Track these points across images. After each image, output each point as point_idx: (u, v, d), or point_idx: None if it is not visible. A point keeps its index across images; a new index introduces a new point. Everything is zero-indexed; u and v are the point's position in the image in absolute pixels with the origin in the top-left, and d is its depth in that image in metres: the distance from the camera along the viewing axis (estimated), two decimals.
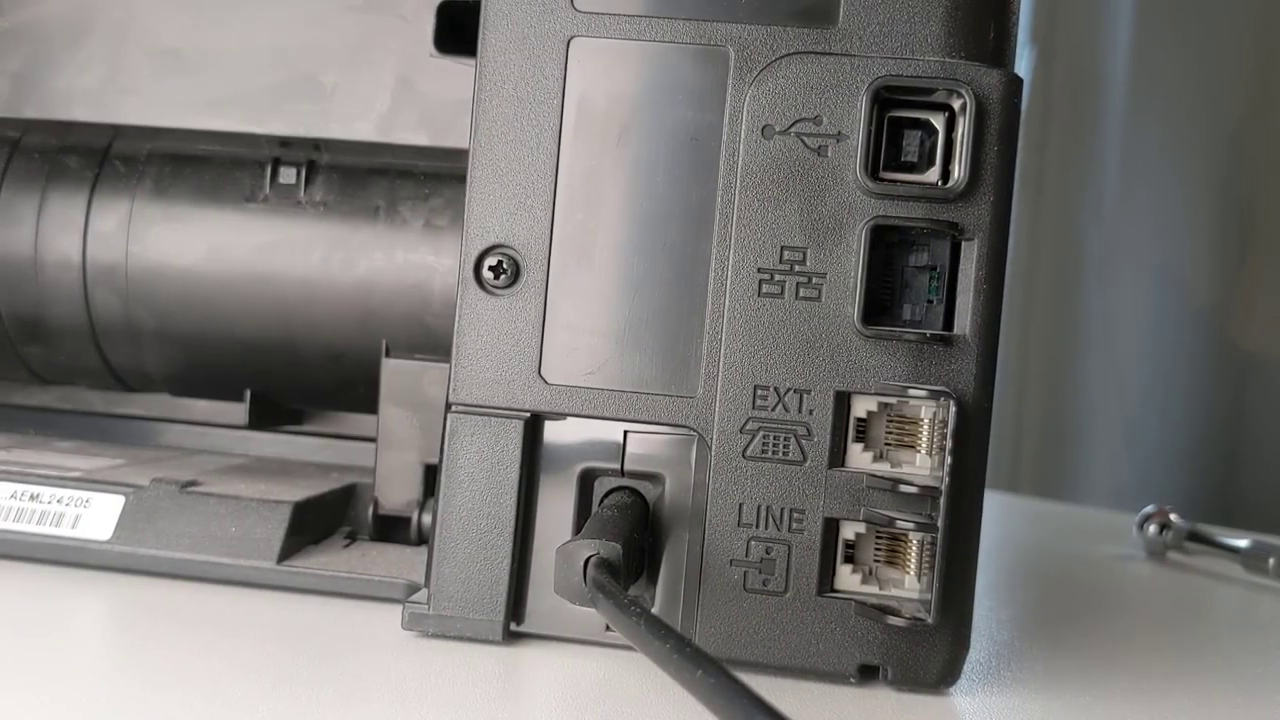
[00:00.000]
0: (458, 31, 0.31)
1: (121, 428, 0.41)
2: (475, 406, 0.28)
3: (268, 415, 0.40)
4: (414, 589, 0.30)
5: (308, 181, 0.37)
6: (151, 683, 0.24)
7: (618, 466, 0.28)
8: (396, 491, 0.35)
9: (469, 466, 0.28)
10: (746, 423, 0.27)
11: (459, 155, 0.29)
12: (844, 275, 0.27)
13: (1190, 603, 0.43)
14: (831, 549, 0.27)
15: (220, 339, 0.38)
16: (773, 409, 0.27)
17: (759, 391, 0.27)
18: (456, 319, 0.28)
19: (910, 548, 0.27)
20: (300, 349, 0.37)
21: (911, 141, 0.27)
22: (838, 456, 0.27)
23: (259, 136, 0.38)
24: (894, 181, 0.27)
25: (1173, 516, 0.48)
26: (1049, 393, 0.84)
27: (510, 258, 0.28)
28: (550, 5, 0.28)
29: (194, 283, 0.37)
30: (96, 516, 0.32)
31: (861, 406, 0.27)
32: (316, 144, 0.38)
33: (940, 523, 0.26)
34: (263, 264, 0.37)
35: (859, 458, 0.27)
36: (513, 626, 0.28)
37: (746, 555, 0.27)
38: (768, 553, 0.27)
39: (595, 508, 0.28)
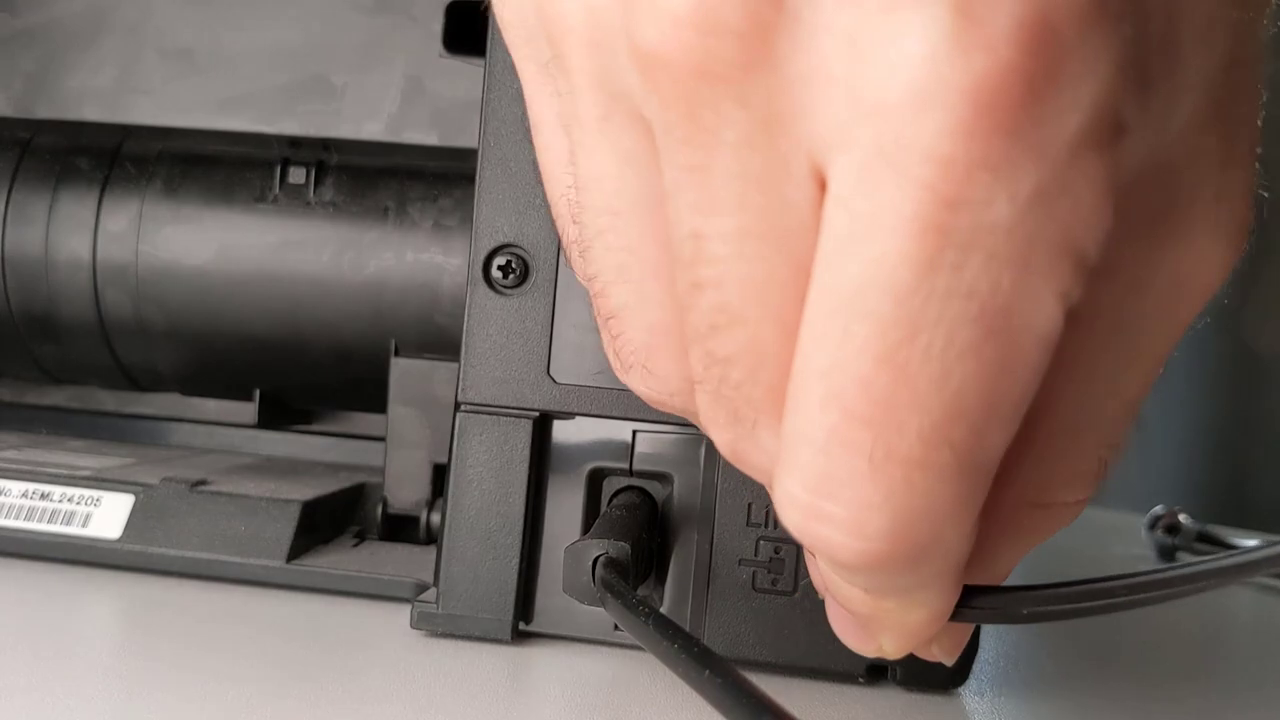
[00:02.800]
0: (467, 31, 0.31)
1: (132, 427, 0.42)
2: (484, 406, 0.28)
3: (277, 414, 0.40)
4: (423, 588, 0.30)
5: (317, 182, 0.37)
6: (161, 681, 0.24)
7: (627, 466, 0.28)
8: (405, 491, 0.35)
9: (478, 466, 0.28)
10: None
11: (468, 155, 0.29)
12: None
13: (1200, 604, 0.43)
14: None
15: (230, 338, 0.38)
16: None
17: None
18: (466, 318, 0.28)
19: None
20: (310, 348, 0.37)
21: None
22: None
23: (269, 137, 0.38)
24: None
25: (1182, 518, 0.48)
26: None
27: (519, 257, 0.28)
28: None
29: (204, 282, 0.37)
30: (107, 515, 0.32)
31: None
32: (326, 144, 0.38)
33: None
34: (272, 264, 0.37)
35: None
36: (521, 626, 0.28)
37: (755, 555, 0.27)
38: (776, 552, 0.27)
39: (604, 507, 0.28)
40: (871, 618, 0.19)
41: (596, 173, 0.18)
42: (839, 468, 0.15)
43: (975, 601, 0.19)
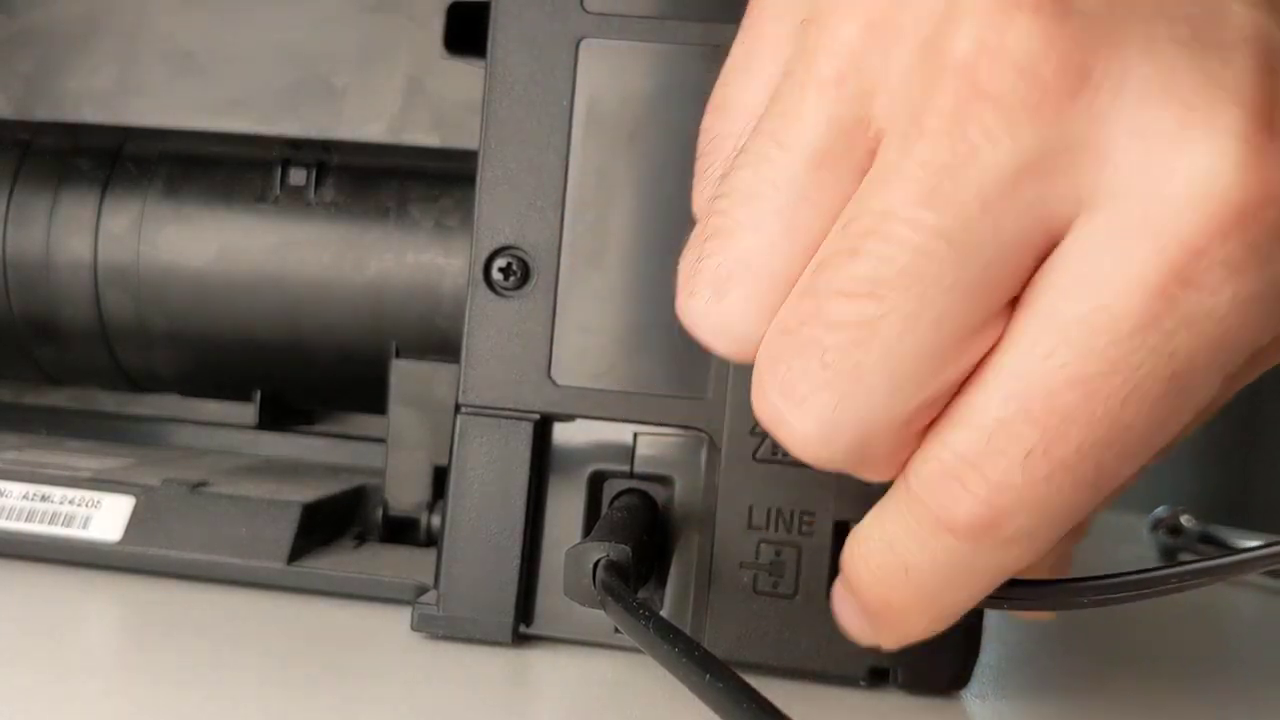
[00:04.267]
0: (468, 32, 0.31)
1: (132, 428, 0.42)
2: (485, 408, 0.28)
3: (277, 416, 0.40)
4: (423, 590, 0.30)
5: (318, 183, 0.37)
6: (161, 683, 0.24)
7: (627, 468, 0.28)
8: (406, 493, 0.35)
9: (478, 468, 0.28)
10: (757, 425, 0.27)
11: (469, 156, 0.29)
12: None
13: (1202, 606, 0.43)
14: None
15: (230, 339, 0.38)
16: None
17: None
18: (466, 320, 0.28)
19: None
20: (310, 349, 0.37)
21: None
22: None
23: (269, 138, 0.38)
24: None
25: (1184, 519, 0.48)
26: None
27: (520, 259, 0.28)
28: (560, 6, 0.28)
29: (204, 283, 0.37)
30: (107, 517, 0.32)
31: None
32: (327, 145, 0.38)
33: None
34: (273, 265, 0.37)
35: None
36: (522, 628, 0.28)
37: (756, 558, 0.27)
38: (778, 555, 0.27)
39: (605, 510, 0.28)
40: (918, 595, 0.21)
41: (792, 112, 0.19)
42: (998, 450, 0.18)
43: (1010, 593, 0.21)
